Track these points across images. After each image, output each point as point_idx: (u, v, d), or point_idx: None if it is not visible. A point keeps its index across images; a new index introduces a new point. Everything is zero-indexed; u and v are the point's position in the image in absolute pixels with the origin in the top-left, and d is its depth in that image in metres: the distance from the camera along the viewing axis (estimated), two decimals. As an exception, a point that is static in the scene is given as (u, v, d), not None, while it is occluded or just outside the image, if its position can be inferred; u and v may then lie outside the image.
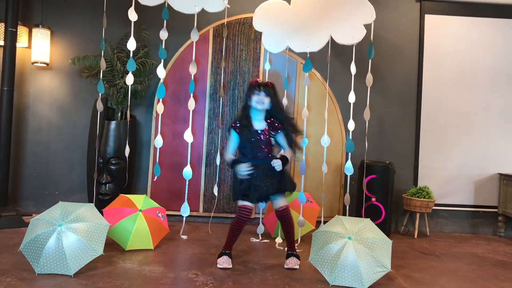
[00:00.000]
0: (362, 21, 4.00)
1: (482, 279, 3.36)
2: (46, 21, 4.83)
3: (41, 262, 2.87)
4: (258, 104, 3.32)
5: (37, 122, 4.92)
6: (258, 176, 3.27)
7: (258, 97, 3.32)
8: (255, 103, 3.32)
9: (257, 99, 3.32)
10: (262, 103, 3.32)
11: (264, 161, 3.32)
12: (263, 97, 3.32)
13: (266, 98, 3.33)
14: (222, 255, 3.34)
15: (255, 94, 3.33)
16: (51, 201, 4.71)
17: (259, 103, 3.32)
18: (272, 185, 3.29)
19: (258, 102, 3.32)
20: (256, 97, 3.32)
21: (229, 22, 4.86)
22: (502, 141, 5.08)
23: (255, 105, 3.33)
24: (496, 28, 5.09)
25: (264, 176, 3.28)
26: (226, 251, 3.37)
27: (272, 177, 3.31)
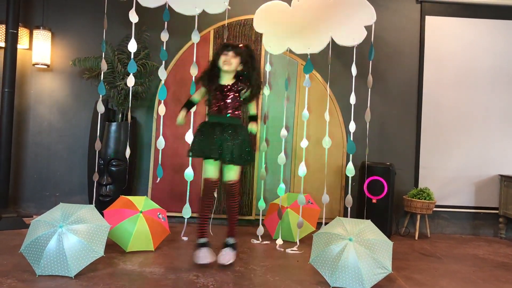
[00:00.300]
0: (363, 22, 4.00)
1: (483, 281, 3.35)
2: (47, 22, 4.84)
3: (42, 264, 2.87)
4: (224, 65, 3.26)
5: (38, 123, 4.92)
6: (219, 135, 3.22)
7: (225, 57, 3.26)
8: (222, 63, 3.26)
9: (224, 58, 3.26)
10: (229, 64, 3.25)
11: (229, 120, 3.27)
12: (231, 57, 3.25)
13: (234, 58, 3.26)
14: (199, 247, 3.28)
15: (223, 53, 3.27)
16: (51, 203, 4.71)
17: (225, 63, 3.25)
18: (232, 149, 3.21)
19: (225, 62, 3.25)
20: (223, 57, 3.26)
21: (230, 24, 4.86)
22: (502, 142, 5.08)
23: (221, 65, 3.26)
24: (496, 29, 5.09)
25: (226, 136, 3.22)
26: (201, 241, 3.30)
27: (234, 139, 3.24)
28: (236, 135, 3.26)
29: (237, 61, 3.28)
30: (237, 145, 3.25)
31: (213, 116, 3.34)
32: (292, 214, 4.19)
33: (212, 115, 3.34)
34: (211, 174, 3.32)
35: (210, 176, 3.32)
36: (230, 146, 3.23)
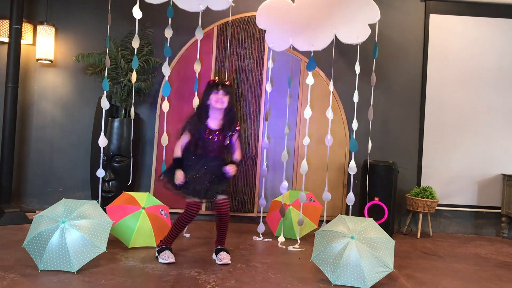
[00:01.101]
0: (367, 20, 3.99)
1: (485, 280, 3.35)
2: (51, 18, 4.84)
3: (44, 259, 2.88)
4: (217, 103, 3.30)
5: (41, 119, 4.93)
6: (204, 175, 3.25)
7: (217, 96, 3.30)
8: (214, 103, 3.30)
9: (216, 98, 3.30)
10: (221, 102, 3.30)
11: (215, 161, 3.31)
12: (222, 96, 3.30)
13: (224, 97, 3.31)
14: (164, 250, 3.33)
15: (213, 93, 3.31)
16: (54, 198, 4.72)
17: (218, 102, 3.30)
18: (218, 186, 3.27)
19: (218, 101, 3.30)
20: (215, 97, 3.31)
21: (234, 21, 4.86)
22: (506, 142, 5.06)
23: (214, 104, 3.30)
24: (501, 28, 5.07)
25: (211, 176, 3.26)
26: (167, 246, 3.36)
27: (219, 178, 3.29)
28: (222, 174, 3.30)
29: (227, 99, 3.34)
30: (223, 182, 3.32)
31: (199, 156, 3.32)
32: (294, 212, 4.19)
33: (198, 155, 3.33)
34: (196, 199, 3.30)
35: (196, 199, 3.30)
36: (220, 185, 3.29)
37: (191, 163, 3.30)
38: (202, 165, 3.28)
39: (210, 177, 3.27)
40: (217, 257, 3.38)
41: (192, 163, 3.30)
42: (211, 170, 3.28)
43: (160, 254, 3.31)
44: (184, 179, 3.25)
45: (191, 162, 3.30)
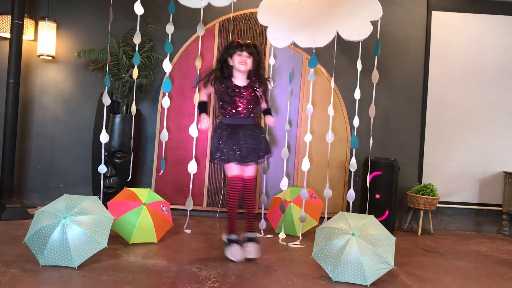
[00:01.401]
0: (369, 17, 3.97)
1: (486, 278, 3.35)
2: (52, 14, 4.83)
3: (46, 254, 2.88)
4: (241, 65, 3.26)
5: (43, 115, 4.93)
6: (238, 137, 3.26)
7: (240, 57, 3.26)
8: (238, 64, 3.26)
9: (239, 59, 3.26)
10: (245, 64, 3.26)
11: (246, 121, 3.31)
12: (246, 57, 3.27)
13: (248, 58, 3.27)
14: (231, 243, 3.33)
15: (236, 54, 3.27)
16: (55, 194, 4.73)
17: (242, 63, 3.26)
18: (252, 148, 3.27)
19: (241, 62, 3.26)
20: (238, 58, 3.26)
21: (235, 17, 4.85)
22: (507, 139, 5.05)
23: (238, 66, 3.26)
24: (503, 25, 5.05)
25: (245, 137, 3.27)
26: (231, 237, 3.36)
27: (253, 139, 3.29)
28: (254, 134, 3.33)
29: (251, 61, 3.30)
30: (255, 144, 3.32)
31: (230, 118, 3.35)
32: (295, 208, 4.20)
33: (229, 117, 3.35)
34: (236, 172, 3.32)
35: (236, 174, 3.32)
36: (250, 147, 3.29)
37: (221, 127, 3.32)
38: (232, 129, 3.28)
39: (241, 140, 3.26)
40: (245, 248, 3.34)
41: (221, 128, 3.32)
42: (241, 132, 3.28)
43: (229, 249, 3.29)
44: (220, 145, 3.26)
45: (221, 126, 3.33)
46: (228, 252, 3.33)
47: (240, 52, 3.27)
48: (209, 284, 2.80)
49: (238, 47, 3.28)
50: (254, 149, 3.32)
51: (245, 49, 3.26)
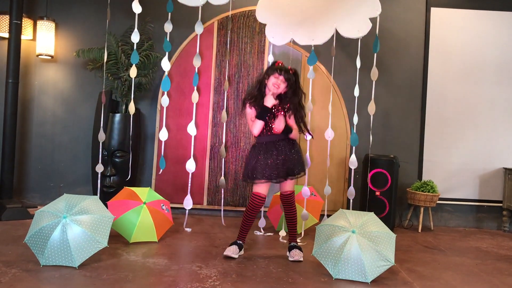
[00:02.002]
0: (368, 14, 3.97)
1: (486, 274, 3.35)
2: (51, 13, 4.83)
3: (46, 254, 2.88)
4: (273, 87, 3.29)
5: (42, 114, 4.93)
6: (272, 154, 3.28)
7: (276, 80, 3.29)
8: (271, 85, 3.29)
9: (274, 81, 3.29)
10: (277, 87, 3.29)
11: (278, 137, 3.33)
12: (281, 81, 3.29)
13: (283, 83, 3.29)
14: (232, 244, 3.39)
15: (273, 76, 3.29)
16: (56, 194, 4.74)
17: (275, 86, 3.29)
18: (285, 165, 3.28)
19: (275, 84, 3.29)
20: (274, 80, 3.29)
21: (234, 15, 4.84)
22: (507, 136, 5.05)
23: (271, 87, 3.29)
24: (503, 21, 5.05)
25: (277, 156, 3.28)
26: (237, 241, 3.42)
27: (284, 159, 3.29)
28: (289, 150, 3.33)
29: (284, 86, 3.31)
30: (292, 160, 3.32)
31: (264, 137, 3.35)
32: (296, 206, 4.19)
33: (263, 136, 3.35)
34: (262, 190, 3.33)
35: (261, 191, 3.33)
36: (287, 162, 3.30)
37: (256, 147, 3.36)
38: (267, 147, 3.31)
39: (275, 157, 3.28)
40: (289, 254, 3.42)
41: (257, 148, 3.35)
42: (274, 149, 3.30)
43: (228, 247, 3.37)
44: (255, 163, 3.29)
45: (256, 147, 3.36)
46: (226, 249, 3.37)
47: (278, 75, 3.29)
48: (210, 283, 2.80)
49: (276, 69, 3.31)
50: (291, 165, 3.32)
51: (283, 73, 3.29)
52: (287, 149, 3.33)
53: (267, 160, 3.27)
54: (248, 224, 3.41)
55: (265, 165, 3.26)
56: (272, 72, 3.31)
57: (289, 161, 3.30)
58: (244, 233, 3.44)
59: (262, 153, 3.30)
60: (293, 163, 3.32)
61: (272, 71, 3.32)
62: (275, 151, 3.30)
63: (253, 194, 3.33)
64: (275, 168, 3.26)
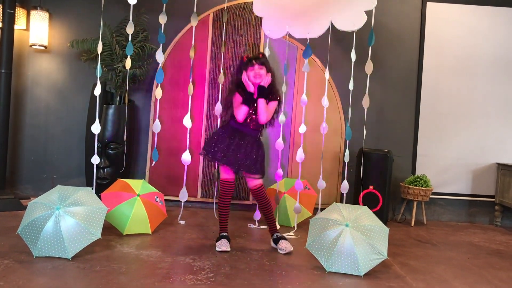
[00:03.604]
0: (363, 7, 3.94)
1: (477, 268, 3.38)
2: (45, 3, 4.78)
3: (39, 245, 2.88)
4: (257, 78, 3.29)
5: (35, 105, 4.90)
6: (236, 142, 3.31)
7: (254, 71, 3.29)
8: (253, 78, 3.29)
9: (253, 73, 3.29)
10: (260, 76, 3.29)
11: (253, 132, 3.37)
12: (259, 69, 3.29)
13: (261, 69, 3.30)
14: (220, 239, 3.39)
15: (250, 69, 3.30)
16: (49, 185, 4.71)
17: (257, 77, 3.29)
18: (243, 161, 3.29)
19: (256, 76, 3.29)
20: (252, 72, 3.29)
21: (229, 7, 4.82)
22: (501, 131, 5.07)
23: (253, 79, 3.29)
24: (498, 16, 5.05)
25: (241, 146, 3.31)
26: (223, 234, 3.43)
27: (248, 154, 3.31)
28: (256, 147, 3.37)
29: (264, 72, 3.32)
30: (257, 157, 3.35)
31: (237, 125, 3.37)
32: (289, 199, 4.21)
33: (236, 123, 3.36)
34: (228, 175, 3.37)
35: (226, 177, 3.37)
36: (252, 158, 3.32)
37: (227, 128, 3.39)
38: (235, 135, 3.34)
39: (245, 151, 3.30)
40: (278, 247, 3.42)
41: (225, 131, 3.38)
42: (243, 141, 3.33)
43: (217, 243, 3.36)
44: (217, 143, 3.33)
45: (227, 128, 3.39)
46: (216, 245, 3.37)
47: (252, 66, 3.30)
48: (203, 275, 2.81)
49: (248, 62, 3.32)
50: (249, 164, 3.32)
51: (256, 61, 3.30)
52: (254, 145, 3.36)
53: (230, 147, 3.30)
54: (225, 214, 3.44)
55: (228, 151, 3.29)
56: (246, 67, 3.31)
57: (249, 157, 3.32)
58: (225, 223, 3.47)
59: (227, 135, 3.34)
60: (253, 161, 3.34)
61: (246, 65, 3.32)
62: (242, 141, 3.33)
63: (221, 180, 3.38)
64: (235, 157, 3.29)
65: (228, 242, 3.38)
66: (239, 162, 3.30)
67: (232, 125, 3.41)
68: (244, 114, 3.30)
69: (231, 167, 3.32)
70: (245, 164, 3.31)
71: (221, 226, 3.48)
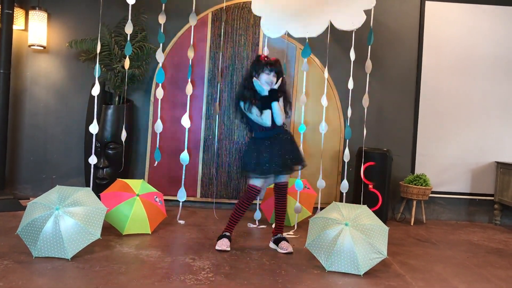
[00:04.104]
0: (362, 6, 3.95)
1: (477, 267, 3.38)
2: (43, 3, 4.78)
3: (39, 246, 2.87)
4: (267, 84, 3.28)
5: (34, 105, 4.89)
6: (271, 149, 3.29)
7: (268, 76, 3.28)
8: (265, 83, 3.28)
9: (267, 78, 3.28)
10: (271, 84, 3.29)
11: (276, 131, 3.34)
12: (273, 77, 3.29)
13: (274, 78, 3.29)
14: (221, 237, 3.39)
15: (265, 73, 3.28)
16: (48, 185, 4.71)
17: (268, 83, 3.28)
18: (281, 163, 3.28)
19: (268, 82, 3.28)
20: (266, 77, 3.28)
21: (228, 7, 4.82)
22: (500, 130, 5.08)
23: (264, 84, 3.28)
24: (497, 15, 5.05)
25: (274, 150, 3.29)
26: (226, 233, 3.42)
27: (283, 152, 3.30)
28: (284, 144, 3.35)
29: (275, 79, 3.32)
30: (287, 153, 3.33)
31: (261, 132, 3.36)
32: (289, 199, 4.19)
33: (261, 133, 3.36)
34: (258, 183, 3.35)
35: (257, 184, 3.35)
36: (282, 157, 3.30)
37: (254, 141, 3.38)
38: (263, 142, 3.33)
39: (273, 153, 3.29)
40: (278, 246, 3.42)
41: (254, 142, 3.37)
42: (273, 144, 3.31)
43: (218, 242, 3.36)
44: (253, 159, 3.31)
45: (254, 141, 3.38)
46: (217, 243, 3.37)
47: (269, 72, 3.28)
48: (203, 275, 2.81)
49: (266, 65, 3.28)
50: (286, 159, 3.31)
51: (273, 69, 3.28)
52: (286, 140, 3.36)
53: (266, 155, 3.28)
54: (239, 216, 3.42)
55: (263, 160, 3.27)
56: (261, 69, 3.29)
57: (286, 153, 3.31)
58: (234, 225, 3.46)
59: (261, 149, 3.31)
60: (292, 154, 3.34)
61: (261, 68, 3.29)
62: (276, 145, 3.31)
63: (249, 186, 3.35)
64: (273, 162, 3.27)
65: (229, 242, 3.38)
66: (278, 167, 3.28)
67: (257, 136, 3.38)
68: (270, 117, 3.28)
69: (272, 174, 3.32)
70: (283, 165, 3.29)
71: (229, 226, 3.45)
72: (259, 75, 3.29)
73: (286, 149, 3.33)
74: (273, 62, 3.30)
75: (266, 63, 3.29)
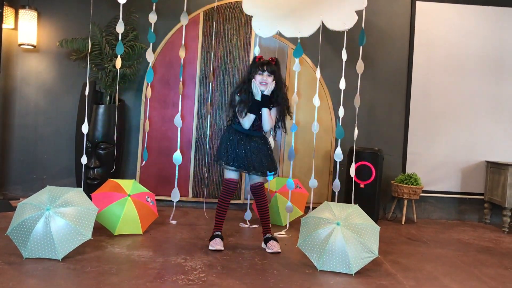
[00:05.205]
0: (354, 7, 3.97)
1: (467, 265, 3.41)
2: (33, 2, 4.74)
3: (29, 247, 2.85)
4: (261, 85, 3.29)
5: (24, 105, 4.85)
6: (246, 146, 3.32)
7: (261, 77, 3.29)
8: (259, 84, 3.29)
9: (260, 79, 3.29)
10: (265, 83, 3.29)
11: (256, 133, 3.38)
12: (267, 76, 3.30)
13: (269, 77, 3.30)
14: (214, 238, 3.38)
15: (258, 73, 3.29)
16: (38, 185, 4.67)
17: (262, 83, 3.29)
18: (256, 161, 3.31)
19: (262, 82, 3.29)
20: (259, 77, 3.29)
21: (220, 6, 4.81)
22: (490, 129, 5.12)
23: (259, 85, 3.29)
24: (486, 15, 5.09)
25: (251, 148, 3.32)
26: (216, 233, 3.42)
27: (259, 153, 3.34)
28: (261, 145, 3.39)
29: (271, 79, 3.32)
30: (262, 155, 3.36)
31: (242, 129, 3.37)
32: (281, 198, 4.21)
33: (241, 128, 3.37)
34: (232, 175, 3.38)
35: (231, 177, 3.37)
36: (256, 157, 3.33)
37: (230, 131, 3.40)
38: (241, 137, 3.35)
39: (247, 150, 3.32)
40: (267, 246, 3.42)
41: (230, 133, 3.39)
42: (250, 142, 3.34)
43: (211, 242, 3.36)
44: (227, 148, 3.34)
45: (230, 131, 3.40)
46: (210, 244, 3.37)
47: (262, 72, 3.30)
48: (195, 275, 2.80)
49: (260, 66, 3.30)
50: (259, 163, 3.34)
51: (266, 68, 3.29)
52: (263, 144, 3.41)
53: (240, 150, 3.32)
54: (223, 213, 3.43)
55: (236, 154, 3.31)
56: (255, 70, 3.31)
57: (258, 158, 3.34)
58: (221, 223, 3.46)
59: (236, 140, 3.34)
60: (264, 158, 3.36)
61: (255, 68, 3.32)
62: (254, 144, 3.35)
63: (225, 180, 3.38)
64: (246, 159, 3.30)
65: (222, 241, 3.38)
66: (253, 163, 3.31)
67: (236, 128, 3.39)
68: (251, 122, 3.31)
69: (246, 170, 3.33)
70: (259, 164, 3.32)
71: (217, 225, 3.46)
72: (254, 76, 3.32)
73: (262, 151, 3.37)
74: (267, 62, 3.32)
75: (259, 64, 3.31)
